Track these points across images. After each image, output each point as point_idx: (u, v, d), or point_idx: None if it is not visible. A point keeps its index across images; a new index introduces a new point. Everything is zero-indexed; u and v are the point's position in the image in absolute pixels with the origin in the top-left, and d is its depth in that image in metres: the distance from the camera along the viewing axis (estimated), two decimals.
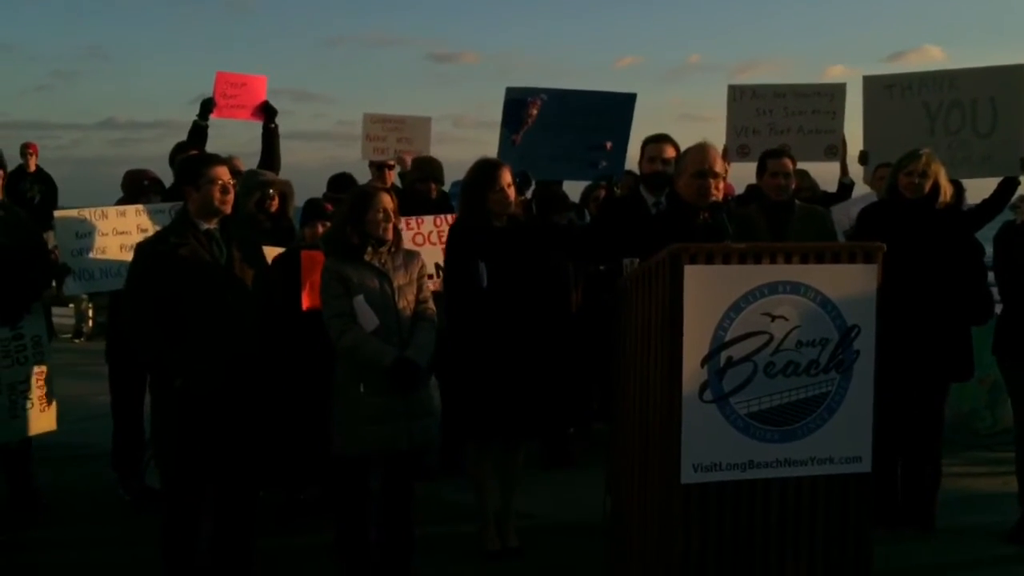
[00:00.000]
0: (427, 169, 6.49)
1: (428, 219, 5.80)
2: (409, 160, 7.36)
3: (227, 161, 4.67)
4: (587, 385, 6.47)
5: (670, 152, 5.30)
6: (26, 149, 11.10)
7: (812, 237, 5.17)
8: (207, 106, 6.69)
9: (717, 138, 6.95)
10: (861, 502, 4.06)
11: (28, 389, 5.22)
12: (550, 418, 5.00)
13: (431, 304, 4.69)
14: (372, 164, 7.51)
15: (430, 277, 5.32)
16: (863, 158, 6.97)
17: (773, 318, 3.91)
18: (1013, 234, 5.26)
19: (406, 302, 4.54)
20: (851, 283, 3.98)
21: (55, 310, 6.42)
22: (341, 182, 6.80)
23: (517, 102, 6.69)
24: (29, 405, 5.23)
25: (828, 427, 4.00)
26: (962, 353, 5.13)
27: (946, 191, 5.16)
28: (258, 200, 5.52)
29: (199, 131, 6.61)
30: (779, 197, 5.58)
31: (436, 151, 7.44)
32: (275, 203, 5.59)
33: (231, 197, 4.42)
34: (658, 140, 5.44)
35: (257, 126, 6.95)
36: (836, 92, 7.08)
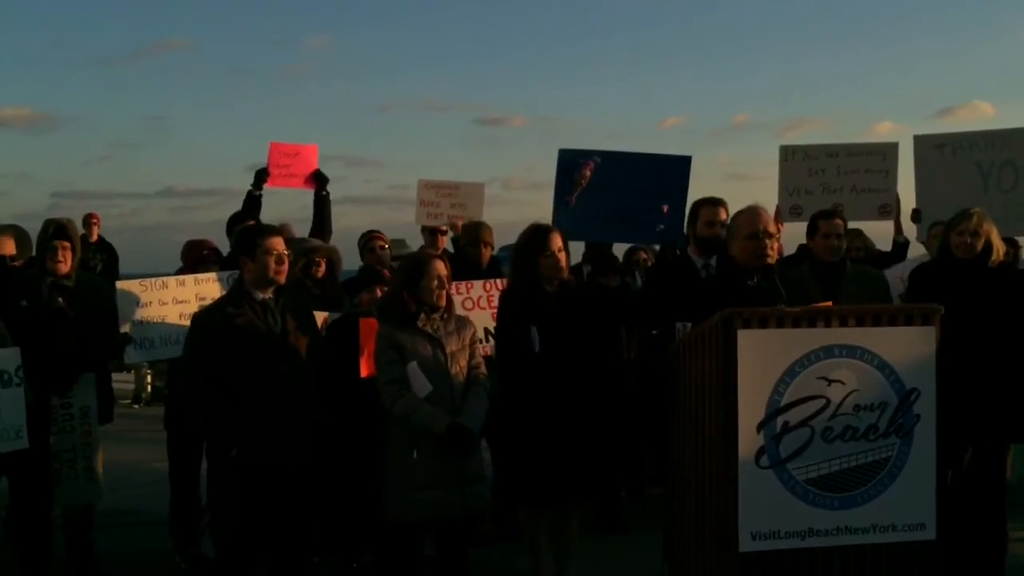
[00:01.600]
0: (477, 233, 6.54)
1: (478, 284, 5.83)
2: (460, 225, 7.44)
3: (282, 231, 4.77)
4: (639, 449, 6.41)
5: (724, 215, 5.31)
6: (89, 219, 11.40)
7: (866, 298, 5.12)
8: (261, 176, 6.86)
9: (766, 197, 6.95)
10: (927, 570, 3.97)
11: (74, 459, 5.27)
12: (603, 483, 4.96)
13: (483, 369, 4.71)
14: (425, 229, 7.59)
15: (480, 342, 5.35)
16: (916, 216, 6.93)
17: (830, 382, 3.88)
18: None
19: (459, 368, 4.57)
20: (909, 346, 3.94)
21: (115, 376, 6.51)
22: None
23: (570, 164, 6.75)
24: (73, 475, 5.28)
25: (889, 493, 3.93)
26: (1020, 413, 5.02)
27: (999, 249, 5.10)
28: (303, 266, 5.61)
29: (253, 201, 6.76)
30: (832, 258, 5.54)
31: (487, 214, 7.49)
32: (322, 269, 5.67)
33: (286, 267, 4.52)
34: (714, 203, 5.45)
35: (308, 192, 7.10)
36: (888, 151, 7.06)
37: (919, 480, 3.96)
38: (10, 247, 5.03)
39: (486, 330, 5.54)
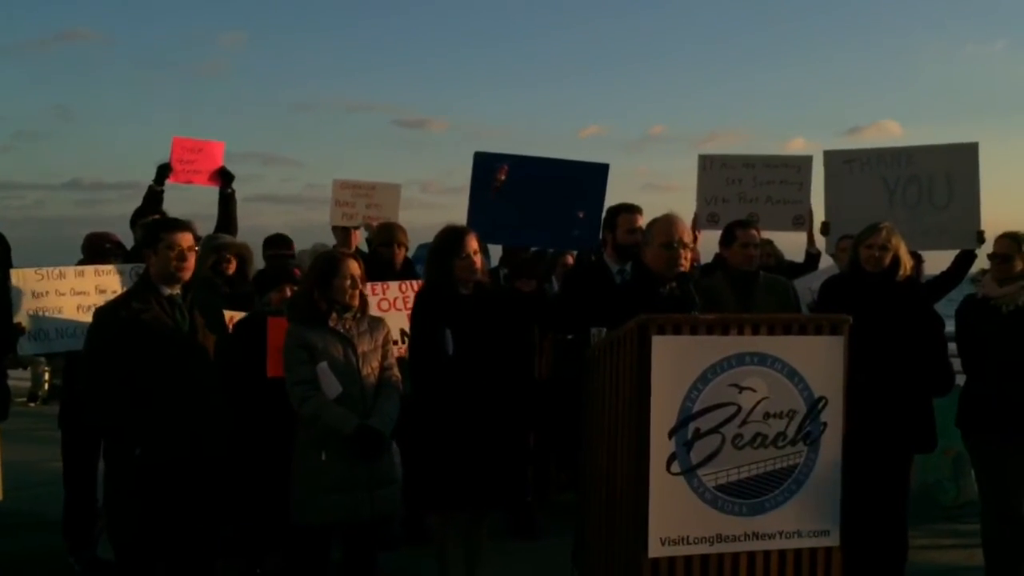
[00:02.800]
0: (391, 233, 6.47)
1: (394, 285, 5.76)
2: (376, 225, 7.35)
3: (189, 227, 4.63)
4: (547, 454, 6.40)
5: (641, 221, 5.33)
6: None
7: (776, 307, 5.21)
8: (163, 171, 6.70)
9: (682, 208, 7.01)
10: None
11: None
12: (516, 488, 4.93)
13: (396, 371, 4.64)
14: (337, 228, 7.48)
15: (395, 343, 5.27)
16: (825, 229, 7.07)
17: (741, 389, 3.92)
18: (974, 307, 5.32)
19: (370, 369, 4.50)
20: (818, 355, 4.01)
21: (11, 373, 6.26)
22: (276, 242, 6.76)
23: (485, 167, 6.72)
24: None
25: (796, 500, 3.99)
26: (924, 424, 5.14)
27: (906, 264, 5.22)
28: (213, 263, 5.47)
29: (155, 196, 6.59)
30: (748, 267, 5.61)
31: (404, 216, 7.42)
32: (232, 266, 5.54)
33: (189, 264, 4.36)
34: (631, 210, 5.47)
35: (213, 188, 6.94)
36: (803, 164, 7.21)
37: (824, 487, 4.03)
38: None
39: (402, 331, 5.47)
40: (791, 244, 7.44)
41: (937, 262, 6.89)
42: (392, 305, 5.69)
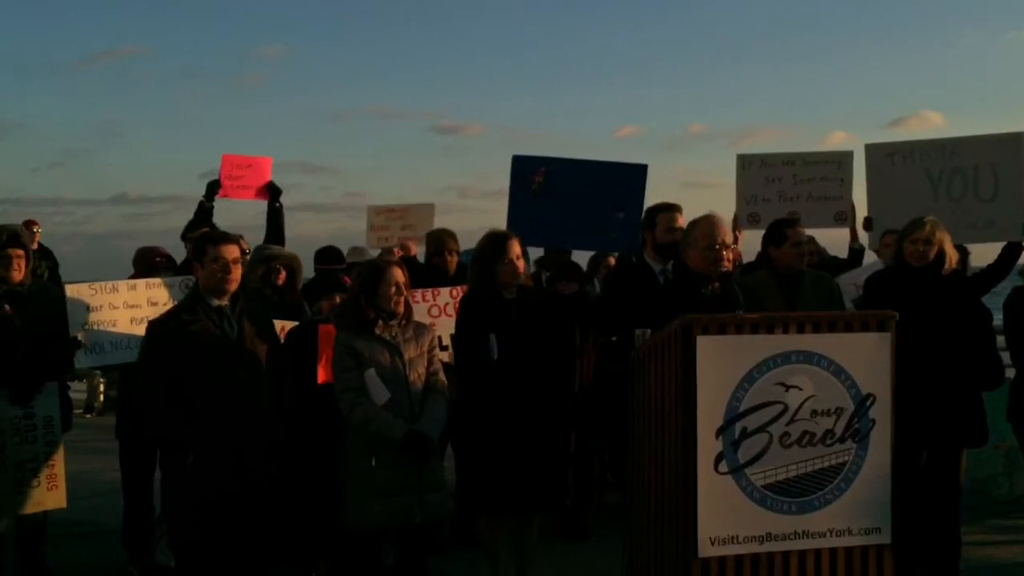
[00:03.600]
0: (441, 242, 6.50)
1: (444, 291, 5.80)
2: (412, 246, 7.40)
3: (235, 240, 4.72)
4: (592, 456, 6.41)
5: (682, 221, 5.33)
6: (30, 226, 11.17)
7: (822, 304, 5.18)
8: (213, 188, 6.84)
9: (722, 205, 7.02)
10: (882, 574, 4.01)
11: (37, 468, 5.19)
12: (563, 491, 4.96)
13: (442, 376, 4.69)
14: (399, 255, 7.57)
15: (446, 348, 5.32)
16: (868, 224, 7.01)
17: (787, 388, 3.92)
18: (1022, 299, 5.26)
19: (417, 375, 4.55)
20: (865, 352, 3.99)
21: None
22: (328, 255, 6.85)
23: (525, 170, 6.74)
24: (36, 483, 5.20)
25: (846, 498, 3.97)
26: (974, 419, 5.09)
27: (951, 258, 5.17)
28: (263, 274, 5.55)
29: (205, 212, 6.74)
30: (800, 266, 5.57)
31: (445, 222, 7.55)
32: (282, 277, 5.62)
33: (235, 276, 4.46)
34: (671, 209, 5.47)
35: (261, 202, 7.05)
36: (844, 160, 7.17)
37: (875, 484, 4.01)
38: None
39: (452, 336, 5.52)
40: (834, 240, 7.40)
41: (984, 255, 6.81)
42: (443, 311, 5.73)
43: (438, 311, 5.71)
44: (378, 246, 7.79)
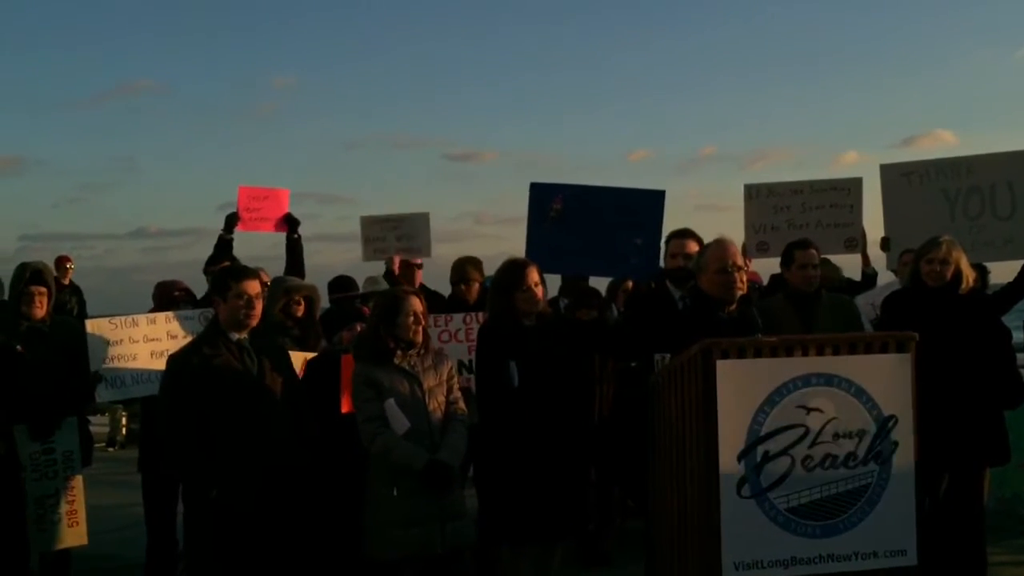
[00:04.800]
0: (464, 271, 6.51)
1: (457, 317, 5.83)
2: (397, 261, 7.39)
3: (256, 274, 4.76)
4: (611, 482, 6.40)
5: (692, 247, 5.35)
6: (63, 262, 11.29)
7: (840, 327, 5.17)
8: (231, 220, 6.87)
9: (735, 228, 6.99)
10: None
11: (57, 503, 5.23)
12: (585, 518, 4.94)
13: (462, 404, 4.70)
14: (400, 264, 7.56)
15: (461, 374, 5.34)
16: (885, 244, 7.00)
17: (808, 411, 3.91)
18: None
19: (436, 403, 4.56)
20: (885, 373, 3.98)
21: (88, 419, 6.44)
22: (341, 284, 6.87)
23: (542, 197, 6.76)
24: (56, 519, 5.23)
25: (870, 520, 3.95)
26: (996, 438, 5.07)
27: (968, 277, 5.17)
28: (284, 306, 5.59)
29: (224, 244, 6.78)
30: (808, 288, 5.59)
31: (461, 249, 7.54)
32: (301, 308, 5.65)
33: (257, 311, 4.50)
34: (681, 235, 5.50)
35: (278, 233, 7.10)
36: (853, 186, 7.12)
37: (899, 506, 3.98)
38: None
39: (460, 362, 5.53)
40: (849, 265, 7.37)
41: (1005, 273, 6.78)
42: (453, 337, 5.76)
43: (448, 336, 5.74)
44: (374, 258, 7.74)
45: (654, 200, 6.81)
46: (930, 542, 4.58)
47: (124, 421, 11.76)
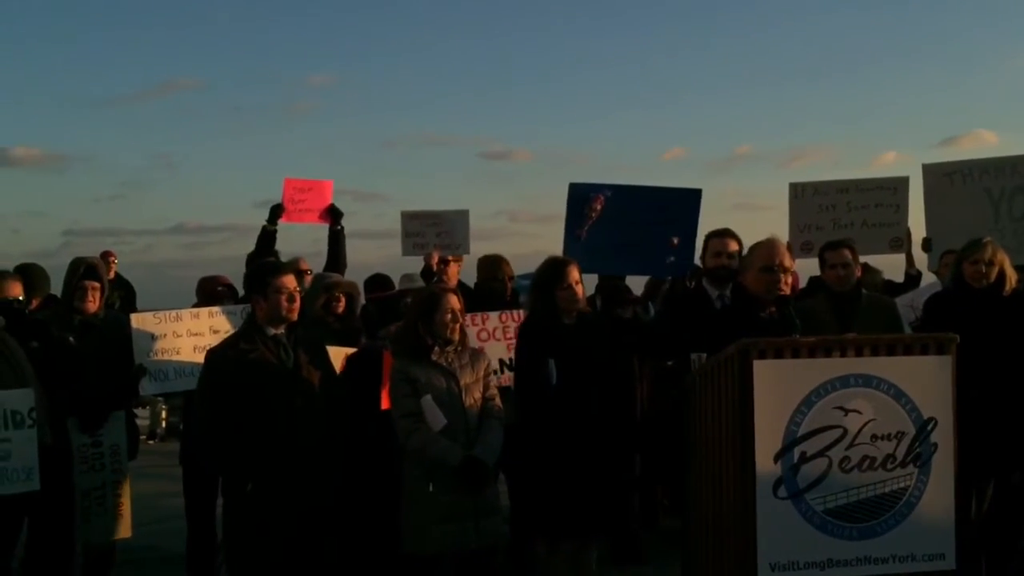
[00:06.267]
0: (495, 269, 6.55)
1: (493, 315, 5.85)
2: (436, 257, 7.43)
3: (293, 268, 4.79)
4: (652, 480, 6.39)
5: (733, 246, 5.33)
6: (107, 257, 11.45)
7: (880, 328, 5.12)
8: (276, 211, 6.92)
9: (773, 227, 6.93)
10: None
11: (103, 496, 5.31)
12: (620, 515, 4.94)
13: (498, 401, 4.72)
14: (437, 261, 7.60)
15: (496, 372, 5.35)
16: (926, 245, 6.93)
17: (846, 412, 3.89)
18: None
19: (473, 400, 4.59)
20: (925, 375, 3.94)
21: None
22: (378, 282, 6.91)
23: (581, 198, 6.77)
24: (102, 511, 5.31)
25: (908, 523, 3.92)
26: None
27: (1011, 278, 5.11)
28: (324, 302, 5.63)
29: (268, 236, 6.82)
30: (842, 288, 5.55)
31: (496, 247, 7.57)
32: (342, 304, 5.69)
33: (297, 305, 4.56)
34: (721, 235, 5.48)
35: (321, 226, 7.14)
36: (899, 185, 7.05)
37: (938, 509, 3.95)
38: (17, 290, 5.05)
39: (500, 361, 5.56)
40: (892, 265, 7.29)
41: None
42: (491, 336, 5.78)
43: (487, 335, 5.76)
44: (412, 253, 7.78)
45: (691, 199, 6.80)
46: (969, 546, 4.54)
47: (164, 414, 11.92)
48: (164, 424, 11.94)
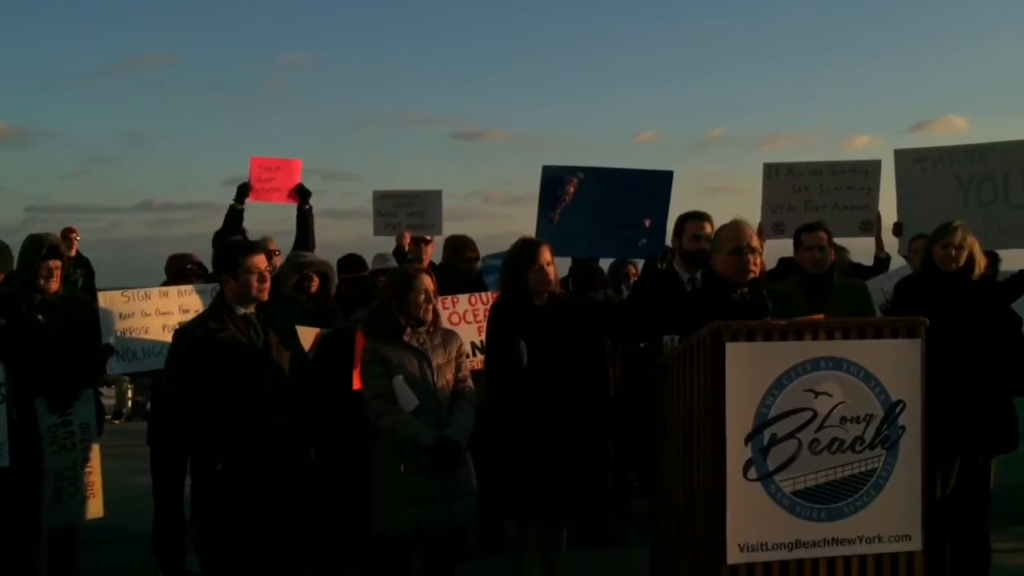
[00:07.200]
0: (460, 248, 6.54)
1: (463, 298, 5.84)
2: (408, 238, 7.40)
3: (263, 248, 4.75)
4: (625, 462, 6.42)
5: (710, 229, 5.35)
6: (68, 233, 11.31)
7: (851, 311, 5.15)
8: (243, 190, 6.84)
9: (746, 210, 6.97)
10: None
11: (75, 476, 5.26)
12: (593, 496, 4.96)
13: (470, 382, 4.71)
14: (411, 242, 7.56)
15: (468, 356, 5.34)
16: (897, 229, 6.98)
17: (816, 394, 3.91)
18: None
19: (445, 381, 4.57)
20: (894, 358, 3.97)
21: None
22: (351, 263, 6.88)
23: (554, 180, 6.76)
24: (74, 492, 5.26)
25: (875, 505, 3.96)
26: (1005, 424, 5.06)
27: (980, 263, 5.16)
28: (297, 281, 5.59)
29: (236, 215, 6.74)
30: (816, 270, 5.58)
31: (468, 227, 7.59)
32: (315, 284, 5.65)
33: (268, 285, 4.51)
34: (698, 218, 5.49)
35: (288, 205, 7.09)
36: (871, 169, 7.11)
37: (905, 491, 3.99)
38: None
39: (472, 344, 5.54)
40: (862, 248, 7.35)
41: (1015, 260, 6.77)
42: (462, 319, 5.76)
43: (458, 318, 5.74)
44: (384, 233, 7.75)
45: (662, 181, 6.83)
46: (935, 528, 4.59)
47: (130, 394, 11.82)
48: (130, 404, 11.83)
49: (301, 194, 7.10)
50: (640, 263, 7.33)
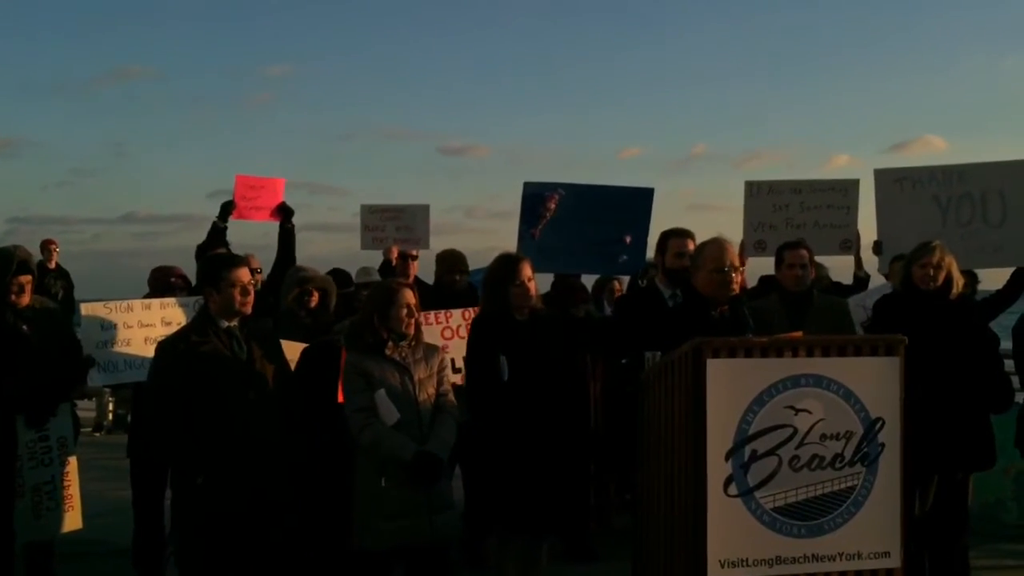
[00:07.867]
0: (451, 261, 6.57)
1: (456, 313, 5.82)
2: (395, 252, 7.42)
3: (246, 261, 4.76)
4: (606, 478, 6.42)
5: (692, 246, 5.38)
6: (48, 245, 11.25)
7: (831, 328, 5.19)
8: (227, 208, 6.88)
9: (727, 228, 7.01)
10: None
11: (53, 490, 5.22)
12: (574, 513, 4.96)
13: (451, 397, 4.71)
14: (397, 256, 7.57)
15: (460, 371, 5.34)
16: (877, 248, 7.03)
17: (797, 411, 3.94)
18: None
19: (426, 395, 4.57)
20: (874, 376, 4.01)
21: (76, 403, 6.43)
22: (337, 278, 6.88)
23: (535, 196, 6.78)
24: (53, 506, 5.23)
25: (855, 522, 3.98)
26: (982, 441, 5.11)
27: (958, 282, 5.21)
28: (297, 296, 5.59)
29: (218, 232, 6.77)
30: (798, 288, 5.63)
31: (451, 242, 7.60)
32: (315, 299, 5.65)
33: (251, 298, 4.50)
34: (681, 235, 5.52)
35: (272, 222, 7.10)
36: (850, 187, 7.17)
37: (884, 508, 4.02)
38: None
39: (465, 359, 5.54)
40: (842, 267, 7.40)
41: (994, 280, 6.84)
42: (456, 333, 5.76)
43: (451, 333, 5.74)
44: (371, 247, 7.75)
45: (643, 198, 6.87)
46: (913, 545, 4.62)
47: (111, 406, 11.73)
48: (111, 416, 11.74)
49: (284, 213, 7.13)
50: (625, 279, 7.36)
